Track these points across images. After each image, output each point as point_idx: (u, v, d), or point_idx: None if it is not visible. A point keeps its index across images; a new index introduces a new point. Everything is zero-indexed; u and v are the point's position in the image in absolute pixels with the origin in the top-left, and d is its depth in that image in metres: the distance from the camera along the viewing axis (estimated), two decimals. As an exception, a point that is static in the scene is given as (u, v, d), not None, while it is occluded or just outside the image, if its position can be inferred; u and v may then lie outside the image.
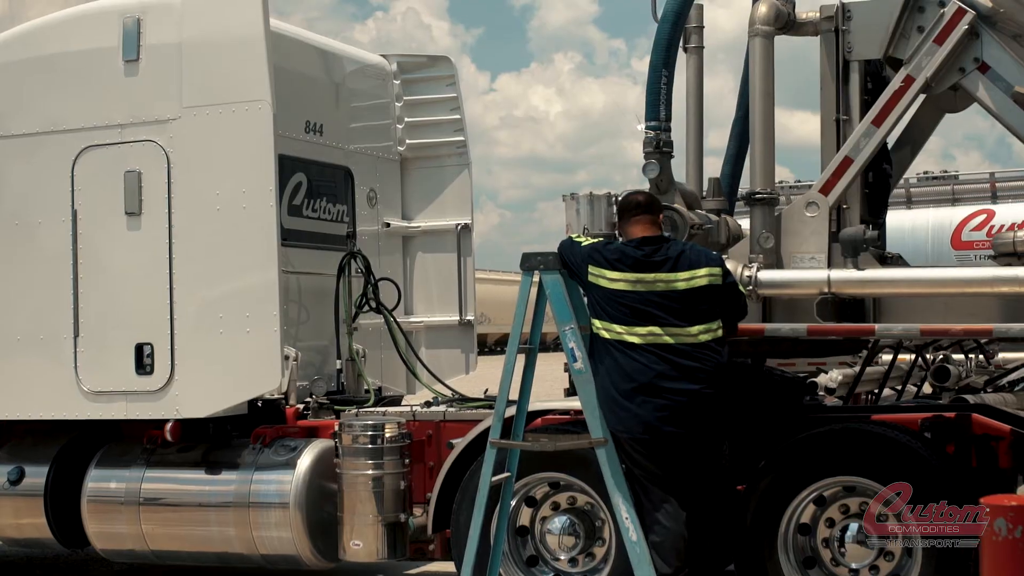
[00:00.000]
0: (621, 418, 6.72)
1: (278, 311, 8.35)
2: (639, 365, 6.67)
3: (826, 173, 7.74)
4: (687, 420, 6.69)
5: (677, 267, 6.79)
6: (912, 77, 7.60)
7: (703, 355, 6.73)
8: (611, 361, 6.75)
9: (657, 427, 6.65)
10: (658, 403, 6.65)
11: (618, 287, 6.76)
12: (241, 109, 8.41)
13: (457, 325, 10.60)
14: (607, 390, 6.76)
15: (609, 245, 6.96)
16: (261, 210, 8.37)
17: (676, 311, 6.72)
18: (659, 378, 6.65)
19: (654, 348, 6.68)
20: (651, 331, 6.69)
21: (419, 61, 10.66)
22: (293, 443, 8.69)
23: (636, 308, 6.72)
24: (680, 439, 6.73)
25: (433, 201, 10.64)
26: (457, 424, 8.59)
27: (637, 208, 7.07)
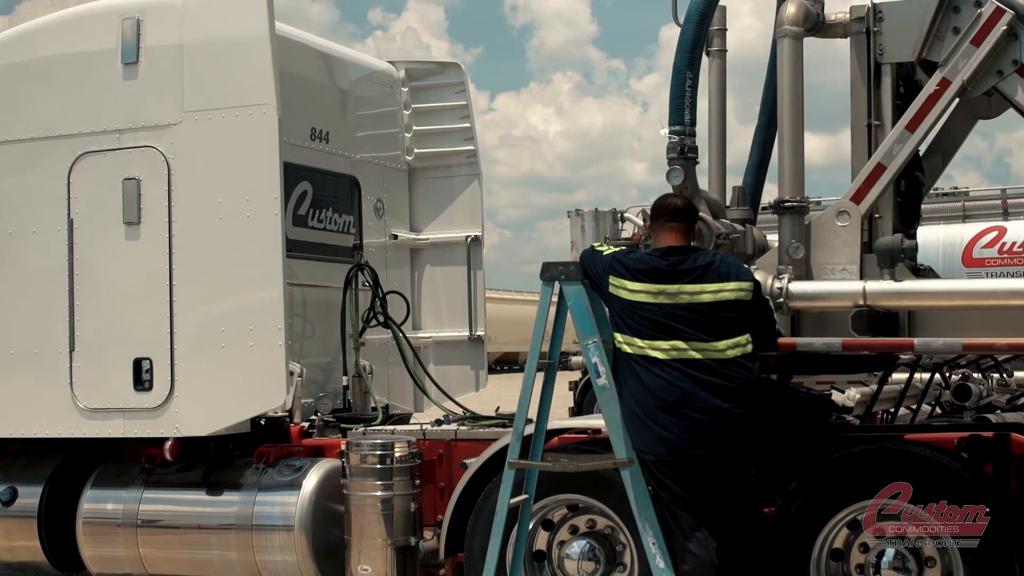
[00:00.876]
0: (646, 438, 6.35)
1: (283, 325, 7.99)
2: (663, 382, 6.30)
3: (857, 180, 7.39)
4: (716, 441, 6.32)
5: (704, 278, 6.42)
6: (948, 80, 7.27)
7: (732, 372, 6.36)
8: (634, 377, 6.39)
9: (685, 449, 6.28)
10: (685, 423, 6.28)
11: (639, 299, 6.40)
12: (245, 113, 8.07)
13: (467, 341, 10.25)
14: (631, 408, 6.39)
15: (632, 254, 6.60)
16: (266, 219, 8.01)
17: (701, 325, 6.35)
18: (685, 396, 6.28)
19: (679, 364, 6.31)
20: (675, 346, 6.32)
21: (428, 68, 10.32)
22: (298, 463, 8.32)
23: (658, 321, 6.35)
24: (709, 461, 6.35)
25: (442, 212, 10.30)
26: (469, 443, 8.25)
27: (673, 214, 6.67)
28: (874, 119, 7.55)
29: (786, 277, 7.10)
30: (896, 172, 7.32)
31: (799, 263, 7.27)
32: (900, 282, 6.96)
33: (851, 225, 7.34)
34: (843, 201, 7.40)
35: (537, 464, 6.66)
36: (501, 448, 7.47)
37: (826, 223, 7.41)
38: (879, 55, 7.58)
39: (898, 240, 7.07)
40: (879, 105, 7.58)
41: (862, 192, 7.36)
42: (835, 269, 7.34)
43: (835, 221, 7.37)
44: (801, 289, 7.07)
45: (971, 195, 22.01)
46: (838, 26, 7.73)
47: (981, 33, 7.19)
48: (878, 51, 7.58)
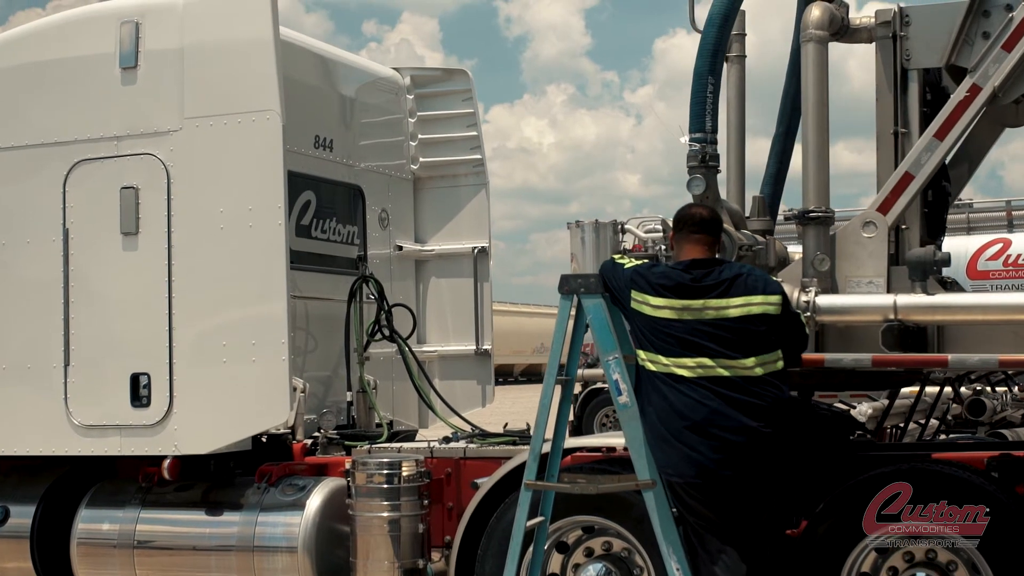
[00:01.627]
0: (672, 459, 6.06)
1: (287, 339, 7.71)
2: (690, 400, 6.02)
3: (884, 190, 7.12)
4: (745, 462, 6.03)
5: (730, 292, 6.13)
6: (978, 86, 7.00)
7: (760, 390, 6.08)
8: (658, 396, 6.10)
9: (713, 470, 5.99)
10: (712, 444, 5.99)
11: (663, 315, 6.11)
12: (248, 120, 7.79)
13: (473, 355, 9.98)
14: (655, 427, 6.11)
15: (654, 268, 6.32)
16: (269, 229, 7.73)
17: (728, 341, 6.07)
18: (713, 415, 6.00)
19: (706, 382, 6.02)
20: (701, 363, 6.03)
21: (434, 75, 10.06)
22: (301, 482, 8.03)
23: (683, 338, 6.07)
24: (737, 483, 6.07)
25: (448, 223, 10.03)
26: (479, 462, 7.97)
27: (698, 225, 6.39)
28: (901, 127, 7.27)
29: (813, 290, 6.82)
30: (924, 181, 7.06)
31: (824, 276, 6.99)
32: (933, 295, 6.68)
33: (878, 236, 7.07)
34: (869, 211, 7.13)
35: (555, 486, 6.37)
36: (514, 468, 7.21)
37: (851, 234, 7.14)
38: (905, 60, 7.31)
39: (931, 252, 6.80)
40: (906, 112, 7.31)
41: (889, 202, 7.09)
42: (861, 282, 7.07)
43: (861, 232, 7.10)
44: (829, 303, 6.79)
45: (975, 207, 21.76)
46: (862, 31, 7.46)
47: (1013, 38, 6.93)
48: (904, 56, 7.31)
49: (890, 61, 7.35)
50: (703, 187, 7.05)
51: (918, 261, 6.74)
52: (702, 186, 7.05)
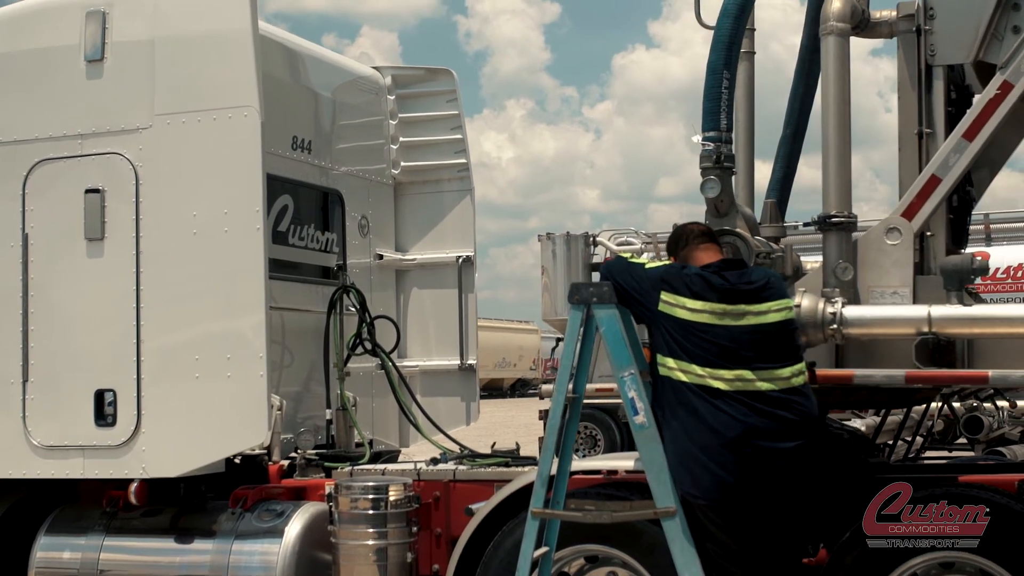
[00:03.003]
0: (698, 479, 5.56)
1: (265, 353, 7.15)
2: (727, 417, 5.53)
3: (909, 194, 6.66)
4: (775, 484, 5.58)
5: (764, 296, 5.72)
6: (1010, 83, 6.56)
7: (798, 403, 5.65)
8: (688, 410, 5.60)
9: (741, 492, 5.52)
10: (745, 464, 5.52)
11: (701, 319, 5.63)
12: (224, 117, 7.24)
13: (457, 370, 9.44)
14: (680, 444, 5.61)
15: (685, 269, 5.84)
16: (246, 234, 7.18)
17: (768, 350, 5.65)
18: (750, 434, 5.53)
19: (744, 397, 5.55)
20: (740, 376, 5.56)
21: (416, 74, 9.52)
22: (279, 507, 7.48)
23: (724, 346, 5.60)
24: (763, 506, 5.60)
25: (431, 231, 9.49)
26: (470, 485, 7.47)
27: (703, 236, 6.09)
28: (925, 127, 6.81)
29: (840, 301, 6.33)
30: (953, 185, 6.62)
31: (847, 286, 6.51)
32: (970, 307, 6.21)
33: (902, 243, 6.60)
34: (893, 217, 6.66)
35: (565, 514, 5.84)
36: (514, 492, 6.69)
37: (874, 241, 6.67)
38: (930, 56, 6.86)
39: (967, 259, 6.34)
40: (931, 111, 6.86)
41: (914, 207, 6.63)
42: (885, 292, 6.60)
43: (885, 239, 6.64)
44: (857, 314, 6.30)
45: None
46: (883, 25, 7.02)
47: (1047, 32, 6.49)
48: (929, 52, 6.86)
49: (913, 57, 6.90)
50: (718, 189, 6.56)
51: (954, 269, 6.27)
52: (717, 188, 6.56)
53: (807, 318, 6.24)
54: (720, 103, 6.61)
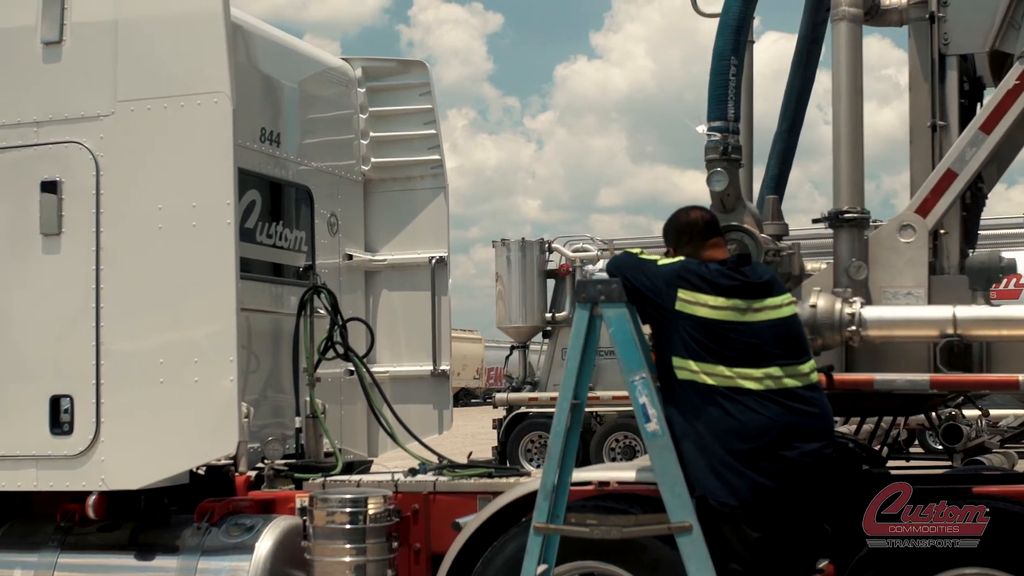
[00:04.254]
0: (735, 487, 5.18)
1: (235, 356, 6.68)
2: (762, 419, 5.19)
3: (923, 190, 6.30)
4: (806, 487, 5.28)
5: (776, 290, 5.48)
6: (1031, 74, 6.20)
7: (820, 399, 5.39)
8: (718, 415, 5.22)
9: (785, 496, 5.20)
10: (780, 467, 5.19)
11: (725, 317, 5.27)
12: (192, 103, 6.77)
13: (430, 376, 9.00)
14: (713, 452, 5.21)
15: (702, 265, 5.46)
16: (216, 229, 6.72)
17: (789, 344, 5.37)
18: (787, 434, 5.21)
19: (775, 395, 5.21)
20: (769, 373, 5.23)
21: (388, 67, 9.08)
22: (249, 520, 7.00)
23: (750, 344, 5.26)
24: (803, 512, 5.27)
25: (402, 230, 9.04)
26: (451, 497, 7.08)
27: (708, 228, 5.70)
28: (939, 119, 6.46)
29: (858, 301, 5.96)
30: (969, 180, 6.27)
31: (860, 285, 6.14)
32: (998, 307, 5.85)
33: (916, 241, 6.25)
34: (907, 214, 6.30)
35: (572, 529, 5.41)
36: (506, 505, 6.27)
37: (887, 239, 6.31)
38: (943, 45, 6.52)
39: (996, 257, 5.99)
40: (944, 103, 6.51)
41: (929, 203, 6.28)
42: (898, 293, 6.24)
43: (898, 237, 6.28)
44: (877, 315, 5.92)
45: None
46: (893, 12, 6.68)
47: (1067, 21, 6.17)
48: (942, 41, 6.52)
49: (926, 46, 6.56)
50: (725, 183, 6.17)
51: (981, 268, 5.92)
52: (724, 182, 6.18)
53: (824, 319, 5.86)
54: (727, 90, 6.23)
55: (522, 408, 20.45)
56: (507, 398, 20.35)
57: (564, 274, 20.27)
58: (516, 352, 21.19)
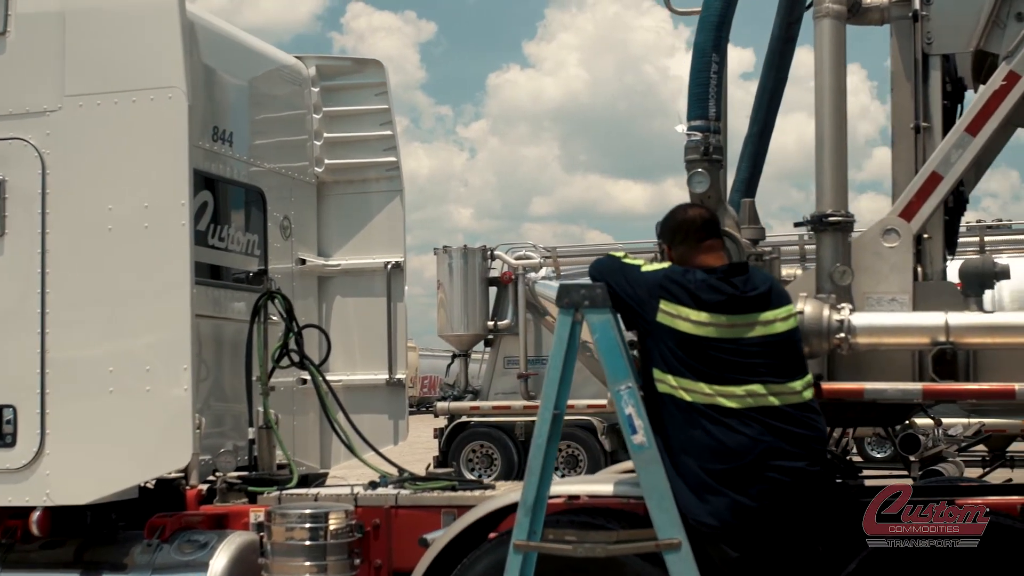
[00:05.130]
0: (714, 507, 4.93)
1: (190, 364, 6.36)
2: (742, 438, 4.92)
3: (907, 193, 6.08)
4: (788, 507, 4.99)
5: (771, 303, 5.17)
6: (1017, 74, 6.01)
7: (811, 419, 5.12)
8: (699, 432, 4.97)
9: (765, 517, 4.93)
10: (762, 487, 4.91)
11: (707, 333, 4.99)
12: (145, 98, 6.45)
13: (385, 385, 8.70)
14: (691, 472, 4.96)
15: (688, 274, 5.18)
16: (170, 231, 6.40)
17: (778, 362, 5.08)
18: (767, 454, 4.93)
19: (757, 414, 4.94)
20: (751, 391, 4.95)
21: (343, 65, 8.79)
22: (202, 537, 6.68)
23: (732, 361, 4.98)
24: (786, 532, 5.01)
25: (357, 234, 8.75)
26: (414, 511, 6.80)
27: (705, 228, 5.42)
28: (922, 120, 6.26)
29: (847, 308, 5.73)
30: (955, 183, 6.06)
31: (844, 291, 5.92)
32: (991, 313, 5.65)
33: (901, 246, 6.03)
34: (891, 218, 6.08)
35: (556, 547, 5.13)
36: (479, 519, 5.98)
37: (870, 244, 6.08)
38: (927, 45, 6.31)
39: (990, 262, 5.78)
40: (927, 103, 6.30)
41: (914, 206, 6.05)
42: (882, 299, 6.01)
43: (881, 241, 6.05)
44: (867, 322, 5.69)
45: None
46: (875, 10, 6.45)
47: (1055, 20, 5.99)
48: (925, 40, 6.31)
49: (908, 46, 6.34)
50: (707, 184, 5.93)
51: (975, 272, 5.71)
52: (705, 183, 5.93)
53: (811, 326, 5.62)
54: (708, 88, 5.99)
55: (463, 417, 20.20)
56: (448, 407, 20.08)
57: (507, 282, 20.03)
58: (457, 361, 20.92)
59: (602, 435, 19.36)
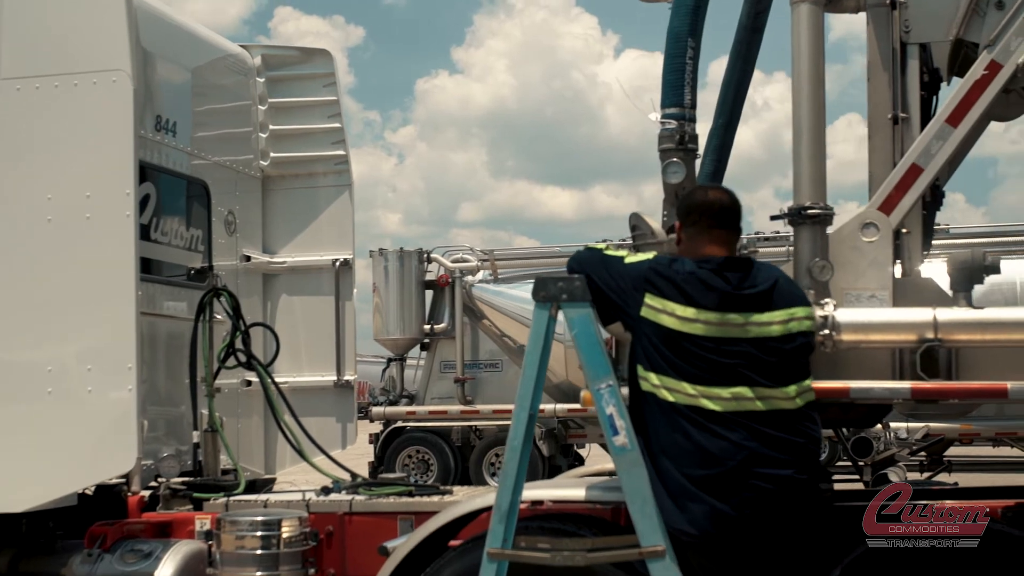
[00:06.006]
0: (691, 514, 4.65)
1: (135, 363, 6.02)
2: (725, 443, 4.62)
3: (887, 185, 5.86)
4: (773, 516, 4.71)
5: (772, 304, 4.82)
6: (999, 63, 5.83)
7: (803, 426, 4.79)
8: (679, 435, 4.67)
9: (746, 527, 4.64)
10: (745, 495, 4.63)
11: (694, 330, 4.68)
12: (87, 82, 6.11)
13: (333, 387, 8.39)
14: (671, 477, 4.69)
15: (676, 264, 4.86)
16: (114, 222, 6.07)
17: (770, 366, 4.74)
18: (751, 460, 4.64)
19: (741, 418, 4.65)
20: (737, 394, 4.65)
21: (289, 56, 8.48)
22: (146, 546, 6.32)
23: (719, 362, 4.67)
24: (757, 544, 4.73)
25: (304, 230, 8.42)
26: (370, 518, 6.52)
27: (718, 216, 5.01)
28: (900, 111, 6.05)
29: (830, 304, 5.50)
30: (935, 175, 5.86)
31: (823, 287, 5.69)
32: (982, 310, 5.43)
33: (880, 240, 5.81)
34: (869, 211, 5.86)
35: (532, 556, 4.83)
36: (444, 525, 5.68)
37: (848, 238, 5.85)
38: (904, 33, 6.10)
39: (980, 256, 5.57)
40: (905, 93, 6.09)
41: (893, 199, 5.83)
42: (861, 296, 5.78)
43: (860, 236, 5.82)
44: (852, 319, 5.45)
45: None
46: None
47: (1038, 7, 5.80)
48: (903, 28, 6.10)
49: (886, 34, 6.12)
50: (682, 175, 5.69)
51: (964, 267, 5.50)
52: (681, 173, 5.69)
53: (794, 323, 5.38)
54: (684, 75, 5.75)
55: (399, 422, 19.92)
56: (384, 412, 19.78)
57: (443, 285, 19.80)
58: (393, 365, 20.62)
59: (540, 440, 19.13)
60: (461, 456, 19.84)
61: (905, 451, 12.96)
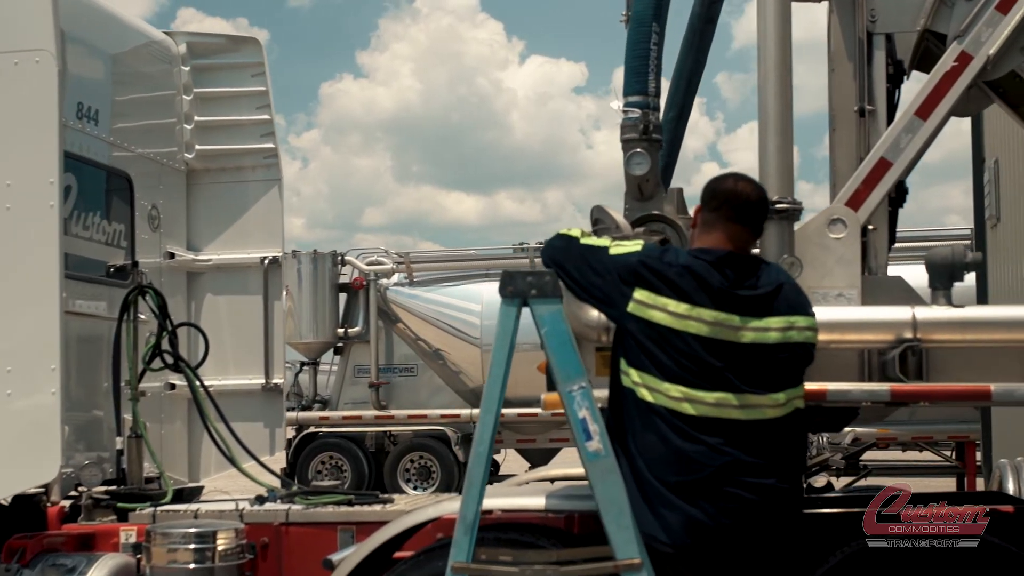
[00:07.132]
0: (666, 522, 4.35)
1: (59, 364, 5.61)
2: (702, 448, 4.31)
3: (854, 180, 5.64)
4: (754, 527, 4.43)
5: (772, 309, 4.50)
6: (969, 55, 5.64)
7: (789, 433, 4.50)
8: (655, 437, 4.37)
9: (724, 536, 4.37)
10: (723, 504, 4.34)
11: (686, 328, 4.37)
12: (8, 63, 5.70)
13: (261, 391, 8.00)
14: (644, 479, 4.39)
15: (667, 256, 4.53)
16: (37, 213, 5.68)
17: (761, 373, 4.43)
18: (730, 468, 4.35)
19: (721, 425, 4.35)
20: (722, 400, 4.35)
21: (216, 43, 8.07)
22: (69, 560, 5.93)
23: (708, 364, 4.36)
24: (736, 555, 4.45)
25: (231, 226, 8.02)
26: (307, 528, 6.19)
27: (745, 207, 4.63)
28: (866, 103, 5.83)
29: (805, 302, 5.25)
30: (905, 170, 5.65)
31: (791, 285, 5.44)
32: (962, 308, 5.21)
33: (848, 237, 5.58)
34: (836, 207, 5.63)
35: (500, 570, 4.50)
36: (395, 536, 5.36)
37: (814, 235, 5.62)
38: (870, 23, 5.89)
39: (960, 252, 5.34)
40: (871, 85, 5.87)
41: (861, 195, 5.61)
42: (828, 294, 5.55)
43: (827, 232, 5.59)
44: (827, 318, 5.17)
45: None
46: (814, -15, 6.01)
47: (1009, -2, 5.61)
48: (869, 18, 5.89)
49: (850, 24, 5.91)
50: (647, 166, 5.42)
51: (943, 264, 5.28)
52: (646, 164, 5.42)
53: (765, 322, 5.13)
54: (648, 61, 5.48)
55: (312, 428, 19.51)
56: (296, 417, 19.33)
57: (358, 288, 19.43)
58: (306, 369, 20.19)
59: (456, 446, 18.85)
60: (375, 462, 19.49)
61: (838, 455, 12.80)
